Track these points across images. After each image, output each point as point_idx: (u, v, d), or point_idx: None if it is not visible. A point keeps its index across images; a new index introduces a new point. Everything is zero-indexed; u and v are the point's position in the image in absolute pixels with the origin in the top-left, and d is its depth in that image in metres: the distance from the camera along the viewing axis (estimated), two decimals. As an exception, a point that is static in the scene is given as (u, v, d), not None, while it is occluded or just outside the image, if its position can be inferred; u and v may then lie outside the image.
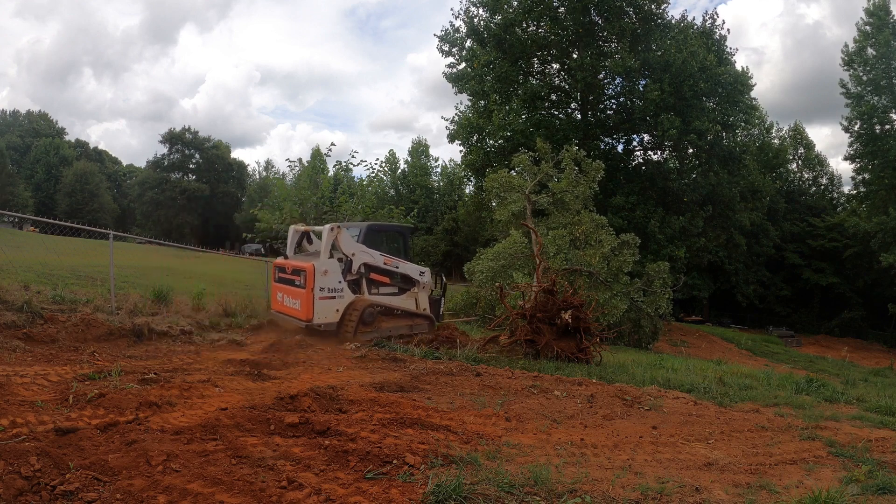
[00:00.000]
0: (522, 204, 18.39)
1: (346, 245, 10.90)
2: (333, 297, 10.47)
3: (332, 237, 10.74)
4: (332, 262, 10.64)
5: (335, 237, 10.76)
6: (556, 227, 18.27)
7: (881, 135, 33.97)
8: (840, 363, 25.55)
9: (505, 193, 18.99)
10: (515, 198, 18.57)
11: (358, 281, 11.13)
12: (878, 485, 4.09)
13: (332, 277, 10.50)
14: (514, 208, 18.40)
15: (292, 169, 33.21)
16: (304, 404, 5.04)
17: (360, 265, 11.08)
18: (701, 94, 28.89)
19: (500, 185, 19.08)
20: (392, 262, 11.56)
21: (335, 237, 10.76)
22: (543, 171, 19.13)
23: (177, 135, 77.72)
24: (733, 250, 39.10)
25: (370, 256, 11.23)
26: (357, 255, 11.01)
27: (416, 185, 62.36)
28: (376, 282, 11.37)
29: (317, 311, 10.30)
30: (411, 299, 11.78)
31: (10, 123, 76.99)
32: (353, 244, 11.11)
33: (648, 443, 5.10)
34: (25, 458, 3.22)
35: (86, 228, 11.51)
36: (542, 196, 19.15)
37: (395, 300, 11.55)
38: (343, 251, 10.85)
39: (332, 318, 10.45)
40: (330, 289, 10.45)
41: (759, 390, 8.66)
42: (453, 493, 3.30)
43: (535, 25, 28.43)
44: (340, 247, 10.86)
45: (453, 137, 32.42)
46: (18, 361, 6.04)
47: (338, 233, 10.82)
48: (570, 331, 10.46)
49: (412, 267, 12.03)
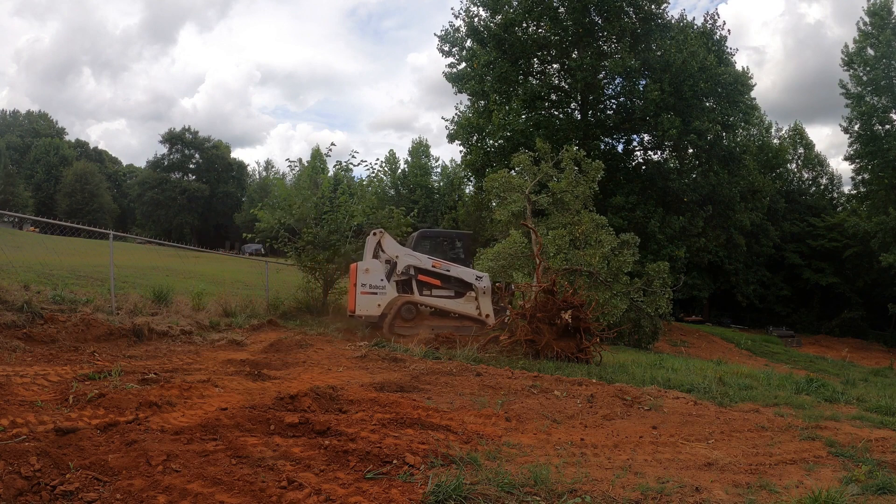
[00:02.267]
0: (522, 204, 18.41)
1: (390, 248, 12.17)
2: (375, 293, 11.69)
3: (375, 241, 12.08)
4: (374, 261, 11.93)
5: (378, 241, 12.07)
6: (557, 226, 18.27)
7: (881, 135, 33.96)
8: (840, 363, 25.55)
9: (505, 193, 19.01)
10: (515, 198, 18.59)
11: (408, 282, 12.18)
12: (878, 485, 4.09)
13: (374, 275, 11.74)
14: (513, 208, 18.45)
15: (292, 169, 33.23)
16: (304, 404, 5.04)
17: (407, 267, 12.12)
18: (701, 94, 28.88)
19: (500, 184, 19.10)
20: (442, 266, 12.40)
21: (378, 241, 12.07)
22: (543, 171, 19.14)
23: (177, 135, 77.78)
24: (733, 250, 39.11)
25: (416, 259, 12.30)
26: (401, 258, 12.15)
27: (416, 185, 62.38)
28: (427, 284, 12.29)
29: (359, 304, 11.63)
30: (470, 303, 12.39)
31: (10, 123, 76.98)
32: (396, 247, 12.35)
33: (648, 443, 5.10)
34: (25, 458, 3.22)
35: (86, 228, 11.54)
36: (542, 196, 19.17)
37: (450, 303, 12.32)
38: (387, 254, 12.04)
39: (374, 312, 11.70)
40: (371, 285, 11.69)
41: (759, 390, 8.65)
42: (453, 493, 3.30)
43: (535, 25, 28.41)
44: (384, 250, 12.07)
45: (453, 137, 32.42)
46: (18, 361, 6.04)
47: (380, 237, 12.16)
48: (570, 331, 10.49)
49: (466, 271, 12.76)
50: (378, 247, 12.14)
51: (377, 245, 12.14)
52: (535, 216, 19.32)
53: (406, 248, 12.68)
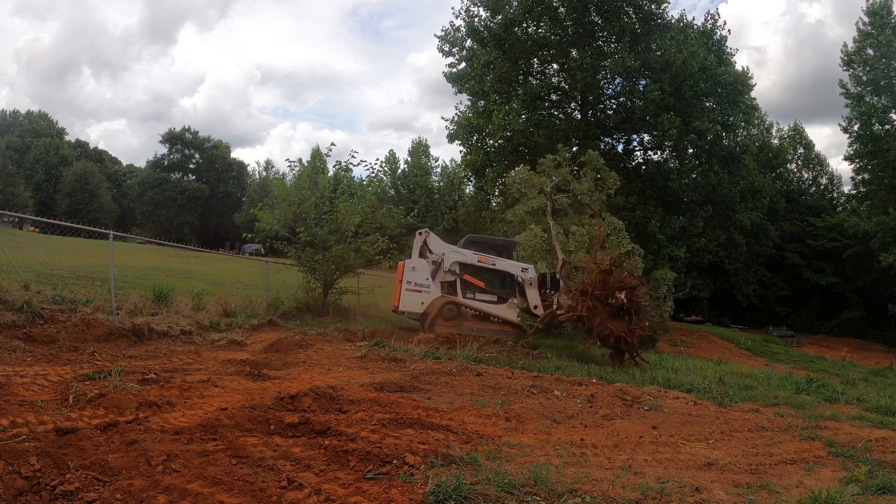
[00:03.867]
0: (542, 201, 18.82)
1: (436, 246, 12.49)
2: (419, 291, 12.06)
3: (421, 240, 12.45)
4: (420, 260, 12.30)
5: (424, 240, 12.44)
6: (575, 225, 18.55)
7: (881, 135, 33.94)
8: (840, 363, 25.55)
9: (526, 189, 19.31)
10: (536, 195, 18.96)
11: (452, 284, 12.51)
12: (878, 485, 4.09)
13: (420, 274, 12.12)
14: (534, 204, 18.84)
15: (292, 169, 33.21)
16: (304, 404, 5.04)
17: (453, 265, 12.38)
18: (701, 94, 28.87)
19: (521, 181, 19.36)
20: (487, 260, 12.66)
21: (424, 240, 12.44)
22: (562, 174, 19.62)
23: (177, 135, 77.76)
24: (733, 250, 39.09)
25: (461, 255, 12.58)
26: (447, 255, 12.46)
27: (416, 185, 62.38)
28: (472, 286, 12.56)
29: (402, 300, 12.03)
30: (511, 310, 12.63)
31: (10, 123, 76.93)
32: (442, 244, 12.68)
33: (648, 443, 5.11)
34: (25, 458, 3.22)
35: (86, 228, 11.53)
36: (561, 196, 19.63)
37: (492, 307, 12.54)
38: (434, 252, 12.37)
39: (417, 309, 12.06)
40: (416, 283, 12.07)
41: (759, 390, 8.66)
42: (453, 493, 3.30)
43: (535, 25, 28.39)
44: (430, 247, 12.39)
45: (453, 137, 32.39)
46: (18, 361, 6.04)
47: (426, 236, 12.53)
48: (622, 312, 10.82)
49: (511, 263, 12.96)
50: (424, 246, 12.40)
51: (423, 244, 12.41)
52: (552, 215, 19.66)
53: (452, 246, 12.88)
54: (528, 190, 19.32)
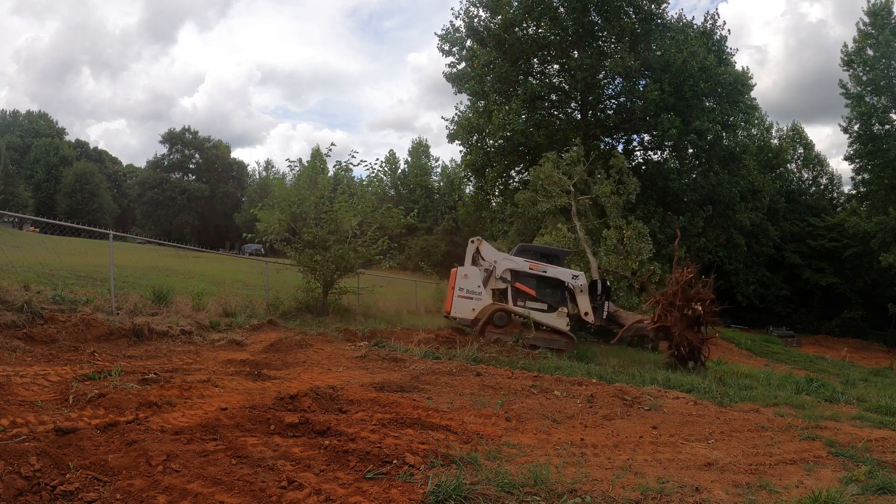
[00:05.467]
0: (567, 201, 18.85)
1: (488, 254, 12.75)
2: (471, 298, 12.29)
3: (474, 248, 12.72)
4: (473, 268, 12.56)
5: (476, 247, 12.69)
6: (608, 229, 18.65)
7: (881, 135, 33.90)
8: (840, 363, 25.54)
9: (550, 186, 19.33)
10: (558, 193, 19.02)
11: (504, 291, 12.70)
12: (878, 485, 4.09)
13: (472, 281, 12.36)
14: (558, 202, 18.93)
15: (292, 169, 33.20)
16: (304, 404, 5.04)
17: (504, 272, 12.60)
18: (701, 95, 28.86)
19: (546, 176, 19.35)
20: (539, 268, 12.90)
21: (476, 247, 12.69)
22: (579, 172, 19.78)
23: (177, 135, 77.79)
24: (733, 250, 39.05)
25: (513, 263, 12.82)
26: (499, 262, 12.68)
27: (416, 185, 62.35)
28: (522, 294, 12.75)
29: (455, 307, 12.28)
30: (561, 319, 12.85)
31: (10, 123, 76.92)
32: (494, 253, 12.93)
33: (648, 443, 5.11)
34: (25, 458, 3.22)
35: (86, 228, 11.53)
36: (584, 197, 19.72)
37: (541, 315, 12.71)
38: (486, 260, 12.60)
39: (468, 315, 12.26)
40: (468, 290, 12.30)
41: (759, 390, 8.67)
42: (453, 493, 3.30)
43: (535, 25, 28.37)
44: (483, 256, 12.62)
45: (453, 137, 32.37)
46: (18, 361, 6.04)
47: (479, 244, 12.78)
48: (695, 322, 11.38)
49: (562, 271, 13.24)
50: (477, 253, 12.63)
51: (476, 252, 12.63)
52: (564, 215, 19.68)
53: (504, 254, 13.09)
54: (551, 187, 19.33)
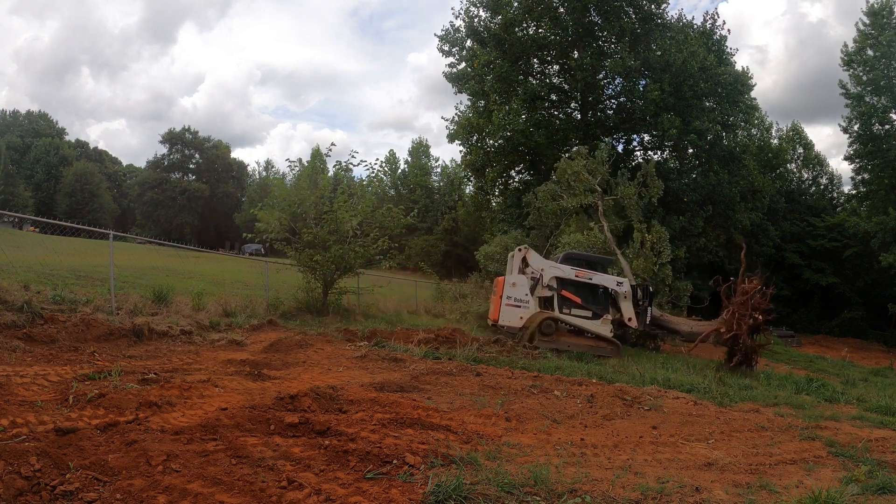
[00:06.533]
0: (590, 200, 18.84)
1: (535, 262, 12.86)
2: (518, 306, 12.33)
3: (521, 256, 12.83)
4: (520, 276, 12.60)
5: (523, 256, 12.82)
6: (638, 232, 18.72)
7: (881, 135, 33.89)
8: (840, 363, 25.52)
9: (575, 184, 19.34)
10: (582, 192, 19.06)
11: (549, 299, 12.79)
12: (878, 485, 4.09)
13: (520, 290, 12.42)
14: (583, 201, 18.98)
15: (292, 169, 33.19)
16: (304, 404, 5.04)
17: (552, 279, 12.73)
18: (701, 94, 28.85)
19: (571, 173, 19.34)
20: (584, 275, 13.07)
21: (523, 256, 12.82)
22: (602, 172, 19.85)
23: (177, 135, 77.82)
24: (733, 250, 39.04)
25: (560, 270, 12.94)
26: (546, 270, 12.80)
27: (416, 185, 62.37)
28: (568, 301, 12.90)
29: (502, 315, 12.32)
30: (605, 326, 12.97)
31: (10, 123, 76.93)
32: (541, 260, 13.07)
33: (648, 443, 5.11)
34: (25, 458, 3.22)
35: (86, 228, 11.53)
36: (609, 197, 19.77)
37: (587, 323, 12.87)
38: (532, 268, 12.71)
39: (516, 324, 12.31)
40: (516, 298, 12.35)
41: (759, 390, 8.68)
42: (453, 493, 3.30)
43: (535, 25, 28.39)
44: (530, 264, 12.76)
45: (453, 137, 32.36)
46: (18, 361, 6.04)
47: (525, 252, 12.92)
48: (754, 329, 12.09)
49: (607, 277, 13.46)
50: (523, 262, 12.72)
51: (522, 260, 12.73)
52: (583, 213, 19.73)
53: (550, 262, 13.21)
54: (577, 184, 19.28)
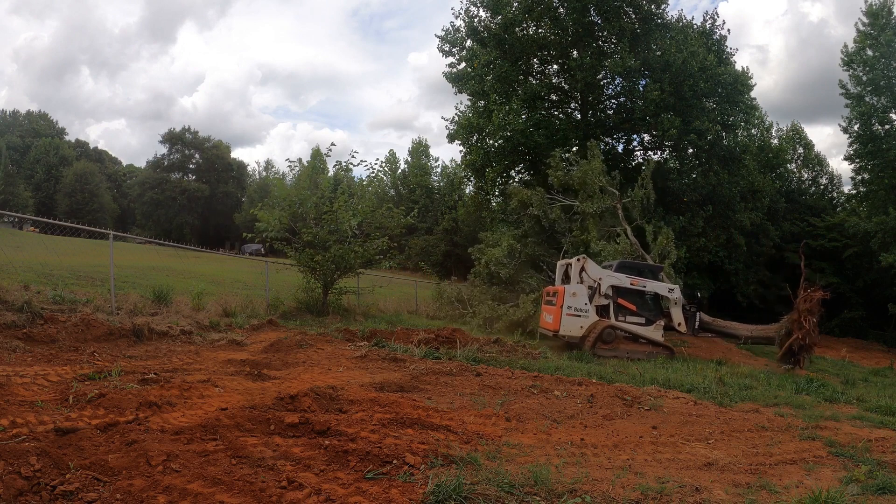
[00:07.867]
0: (608, 203, 18.87)
1: (593, 271, 13.15)
2: (579, 316, 12.61)
3: (580, 266, 13.09)
4: (580, 286, 12.88)
5: (581, 266, 13.09)
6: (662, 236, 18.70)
7: (881, 135, 33.89)
8: (840, 363, 25.48)
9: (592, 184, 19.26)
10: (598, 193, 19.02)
11: (606, 307, 13.09)
12: (878, 485, 4.09)
13: (579, 299, 12.68)
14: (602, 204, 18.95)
15: (292, 169, 33.21)
16: (304, 404, 5.04)
17: (608, 288, 13.09)
18: (701, 94, 28.85)
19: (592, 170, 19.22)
20: (639, 283, 13.46)
21: (581, 266, 13.09)
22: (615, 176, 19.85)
23: (177, 135, 77.78)
24: (733, 250, 39.05)
25: (616, 279, 13.26)
26: (604, 279, 13.11)
27: (416, 185, 62.34)
28: (624, 308, 13.26)
29: (563, 324, 12.51)
30: (658, 331, 13.42)
31: (10, 123, 76.91)
32: (599, 270, 13.35)
33: (648, 443, 5.11)
34: (25, 458, 3.22)
35: (86, 228, 11.54)
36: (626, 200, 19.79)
37: (641, 329, 13.23)
38: (591, 277, 13.01)
39: (577, 333, 12.56)
40: (576, 308, 12.61)
41: (759, 390, 8.67)
42: (453, 493, 3.30)
43: (535, 25, 28.40)
44: (588, 273, 13.04)
45: (453, 137, 32.35)
46: (18, 361, 6.04)
47: (584, 262, 13.20)
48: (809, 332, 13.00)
49: (660, 285, 13.86)
50: (582, 271, 13.00)
51: (581, 269, 13.01)
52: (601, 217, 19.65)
53: (607, 271, 13.48)
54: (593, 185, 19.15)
